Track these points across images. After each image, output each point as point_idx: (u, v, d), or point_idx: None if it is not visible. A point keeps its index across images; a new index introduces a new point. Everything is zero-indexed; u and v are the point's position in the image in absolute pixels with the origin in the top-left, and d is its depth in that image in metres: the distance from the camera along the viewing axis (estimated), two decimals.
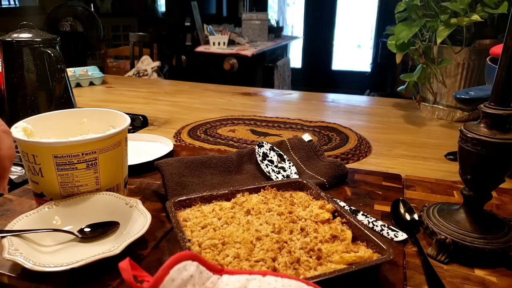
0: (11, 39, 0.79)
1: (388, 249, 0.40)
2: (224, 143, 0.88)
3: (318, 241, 0.44)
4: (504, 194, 0.63)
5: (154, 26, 4.11)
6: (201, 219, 0.47)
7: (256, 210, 0.49)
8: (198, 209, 0.50)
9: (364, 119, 1.09)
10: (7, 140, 0.39)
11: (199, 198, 0.51)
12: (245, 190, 0.53)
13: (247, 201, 0.51)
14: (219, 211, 0.49)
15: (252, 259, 0.40)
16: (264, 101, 1.31)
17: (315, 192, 0.53)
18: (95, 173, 0.51)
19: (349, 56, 5.06)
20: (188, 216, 0.48)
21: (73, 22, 2.83)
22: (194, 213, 0.49)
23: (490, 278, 0.44)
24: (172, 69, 3.38)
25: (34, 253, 0.43)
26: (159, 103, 1.23)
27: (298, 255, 0.41)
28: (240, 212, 0.49)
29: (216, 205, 0.51)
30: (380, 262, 0.40)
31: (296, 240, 0.44)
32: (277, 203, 0.51)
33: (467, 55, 0.98)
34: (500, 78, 0.43)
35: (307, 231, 0.45)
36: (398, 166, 0.76)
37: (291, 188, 0.56)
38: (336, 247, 0.42)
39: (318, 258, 0.41)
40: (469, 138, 0.45)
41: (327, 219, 0.48)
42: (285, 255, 0.41)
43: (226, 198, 0.53)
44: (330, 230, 0.45)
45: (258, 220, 0.47)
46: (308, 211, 0.49)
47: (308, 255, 0.41)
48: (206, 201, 0.51)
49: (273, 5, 5.20)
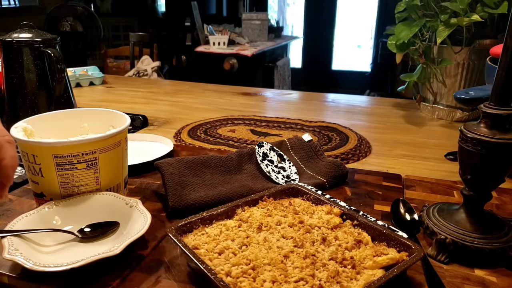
0: (11, 39, 0.79)
1: (415, 246, 0.40)
2: (224, 143, 0.88)
3: (343, 248, 0.43)
4: (504, 194, 0.63)
5: (154, 26, 4.11)
6: (214, 244, 0.44)
7: (265, 225, 0.47)
8: (202, 233, 0.46)
9: (364, 119, 1.09)
10: (10, 150, 0.40)
11: (199, 220, 0.47)
12: (243, 204, 0.51)
13: (251, 216, 0.49)
14: (228, 232, 0.46)
15: (291, 280, 0.38)
16: (264, 101, 1.31)
17: (312, 197, 0.53)
18: (95, 173, 0.51)
19: (349, 56, 5.06)
20: (196, 242, 0.44)
21: (73, 22, 2.83)
22: (200, 238, 0.45)
23: (490, 278, 0.44)
24: (172, 69, 3.38)
25: (34, 253, 0.43)
26: (159, 103, 1.23)
27: (333, 267, 0.40)
28: (251, 230, 0.47)
29: (220, 225, 0.48)
30: (416, 261, 0.40)
31: (321, 251, 0.43)
32: (281, 214, 0.50)
33: (467, 55, 0.98)
34: (500, 78, 0.43)
35: (329, 240, 0.44)
36: (398, 166, 0.76)
37: (286, 195, 0.55)
38: (364, 252, 0.42)
39: (353, 267, 0.40)
40: (469, 138, 0.45)
41: (338, 223, 0.47)
42: (321, 270, 0.39)
43: (226, 215, 0.50)
44: (347, 235, 0.45)
45: (274, 236, 0.45)
46: (317, 218, 0.49)
47: (341, 265, 0.40)
48: (207, 222, 0.48)
49: (273, 5, 5.20)
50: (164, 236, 0.50)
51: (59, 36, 0.85)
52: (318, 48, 5.01)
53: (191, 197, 0.56)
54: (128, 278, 0.43)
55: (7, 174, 0.40)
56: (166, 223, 0.53)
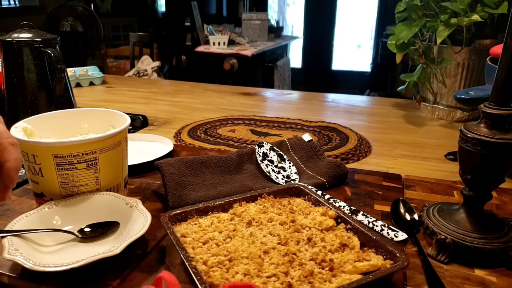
0: (11, 39, 0.79)
1: (400, 255, 0.39)
2: (224, 143, 0.88)
3: (327, 250, 0.43)
4: (504, 194, 0.63)
5: (154, 26, 4.11)
6: (201, 234, 0.45)
7: (257, 220, 0.48)
8: (195, 223, 0.48)
9: (364, 119, 1.09)
10: (14, 152, 0.40)
11: (194, 210, 0.49)
12: (241, 199, 0.52)
13: (246, 211, 0.50)
14: (218, 224, 0.47)
15: (263, 275, 0.38)
16: (264, 101, 1.31)
17: (313, 198, 0.52)
18: (95, 173, 0.51)
19: (349, 56, 5.06)
20: (186, 231, 0.46)
21: (73, 22, 2.82)
22: (191, 228, 0.46)
23: (490, 278, 0.44)
24: (172, 69, 3.38)
25: (34, 253, 0.43)
26: (159, 103, 1.23)
27: (310, 267, 0.39)
28: (241, 224, 0.47)
29: (214, 217, 0.49)
30: (396, 270, 0.39)
31: (304, 251, 0.43)
32: (276, 212, 0.50)
33: (467, 55, 0.98)
34: (500, 78, 0.43)
35: (314, 241, 0.44)
36: (398, 166, 0.76)
37: (288, 194, 0.55)
38: (347, 256, 0.41)
39: (331, 269, 0.40)
40: (469, 138, 0.45)
41: (331, 226, 0.47)
42: (297, 268, 0.39)
43: (222, 209, 0.50)
44: (336, 238, 0.44)
45: (262, 232, 0.46)
46: (311, 219, 0.48)
47: (320, 266, 0.40)
48: (202, 213, 0.49)
49: (273, 5, 5.20)
50: (164, 236, 0.50)
51: (59, 36, 0.85)
52: (318, 48, 5.01)
53: (191, 197, 0.56)
54: (128, 278, 0.43)
55: (10, 176, 0.40)
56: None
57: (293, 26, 5.33)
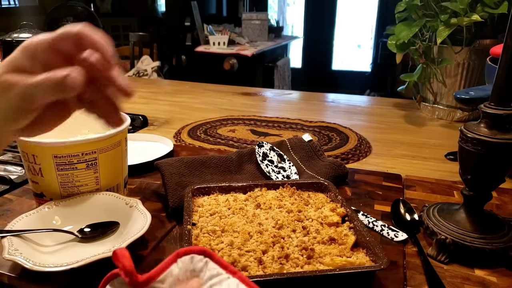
0: (11, 39, 0.79)
1: (382, 258, 0.39)
2: (224, 143, 0.88)
3: (315, 241, 0.44)
4: (504, 194, 0.63)
5: (154, 26, 4.10)
6: (213, 207, 0.49)
7: (267, 205, 0.50)
8: (214, 198, 0.52)
9: (364, 119, 1.09)
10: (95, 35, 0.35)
11: (217, 187, 0.54)
12: (263, 185, 0.55)
13: (262, 195, 0.53)
14: (233, 202, 0.51)
15: (244, 248, 0.41)
16: (264, 101, 1.31)
17: (333, 195, 0.53)
18: (95, 173, 0.51)
19: (349, 56, 5.05)
20: (202, 203, 0.51)
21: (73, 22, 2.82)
22: (209, 201, 0.51)
23: (490, 278, 0.44)
24: (172, 69, 3.38)
25: (34, 253, 0.43)
26: (159, 103, 1.23)
27: (290, 251, 0.41)
28: (251, 205, 0.50)
29: (232, 196, 0.53)
30: (367, 270, 0.39)
31: (294, 238, 0.44)
32: (291, 201, 0.51)
33: (467, 55, 0.98)
34: (500, 78, 0.43)
35: (308, 231, 0.45)
36: (398, 166, 0.76)
37: (312, 188, 0.56)
38: (331, 250, 0.42)
39: (308, 257, 0.41)
40: (469, 138, 0.45)
41: (336, 222, 0.47)
42: (276, 250, 0.41)
43: (243, 191, 0.54)
44: (332, 233, 0.45)
45: (265, 215, 0.48)
46: (318, 212, 0.49)
47: (300, 253, 0.42)
48: (224, 191, 0.54)
49: (273, 5, 5.20)
50: (164, 236, 0.50)
51: None
52: (318, 48, 5.00)
53: None
54: None
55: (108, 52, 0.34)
56: (166, 223, 0.53)
57: (293, 26, 5.33)
